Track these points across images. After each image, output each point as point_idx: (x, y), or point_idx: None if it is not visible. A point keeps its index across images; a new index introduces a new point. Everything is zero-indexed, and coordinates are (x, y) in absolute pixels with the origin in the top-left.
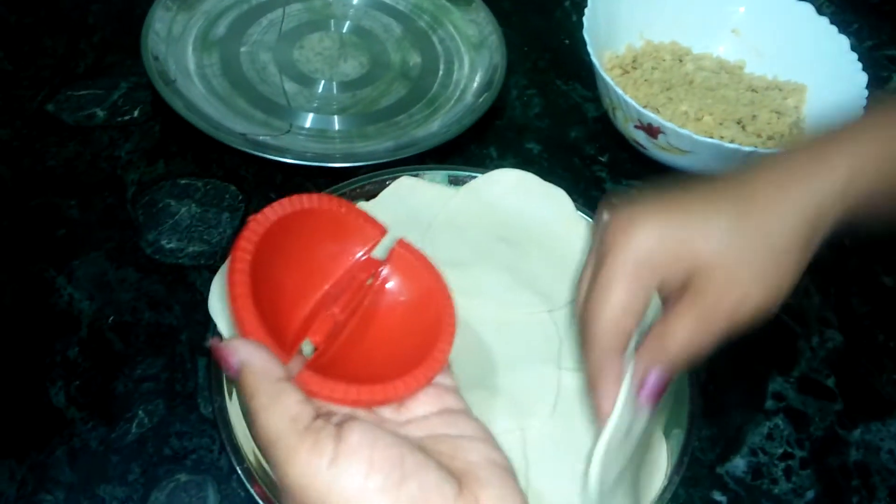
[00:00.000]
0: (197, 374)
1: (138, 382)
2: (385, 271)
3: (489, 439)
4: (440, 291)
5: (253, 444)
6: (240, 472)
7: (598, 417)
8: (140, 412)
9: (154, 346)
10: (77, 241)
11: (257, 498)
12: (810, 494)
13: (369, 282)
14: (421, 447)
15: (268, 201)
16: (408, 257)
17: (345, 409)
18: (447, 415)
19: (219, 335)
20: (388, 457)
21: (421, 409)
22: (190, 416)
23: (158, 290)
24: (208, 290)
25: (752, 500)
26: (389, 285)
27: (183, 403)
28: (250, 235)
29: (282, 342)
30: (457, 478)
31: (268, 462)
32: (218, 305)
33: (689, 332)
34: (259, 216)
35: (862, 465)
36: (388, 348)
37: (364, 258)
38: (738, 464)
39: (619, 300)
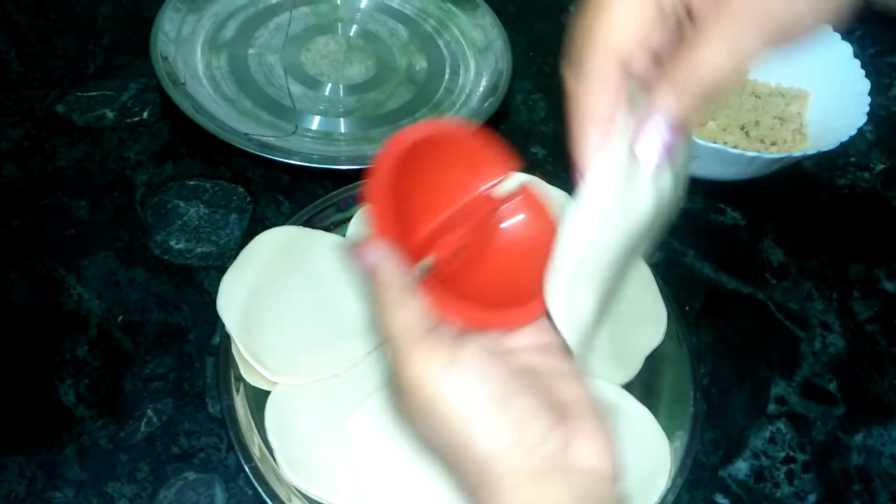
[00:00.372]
0: (205, 374)
1: (147, 381)
2: (507, 207)
3: (587, 379)
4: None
5: (259, 442)
6: (247, 470)
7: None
8: (149, 411)
9: (162, 346)
10: (86, 242)
11: (264, 496)
12: (812, 498)
13: (491, 214)
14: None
15: (275, 203)
16: (531, 199)
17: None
18: (547, 350)
19: (227, 335)
20: (498, 374)
21: (523, 341)
22: (198, 415)
23: (167, 290)
24: (216, 290)
25: (754, 503)
26: (509, 221)
27: (191, 402)
28: (394, 147)
29: (406, 253)
30: (557, 409)
31: (386, 355)
32: (226, 305)
33: (718, 53)
34: (403, 133)
35: (863, 469)
36: (502, 279)
37: (489, 191)
38: (741, 467)
39: (620, 17)
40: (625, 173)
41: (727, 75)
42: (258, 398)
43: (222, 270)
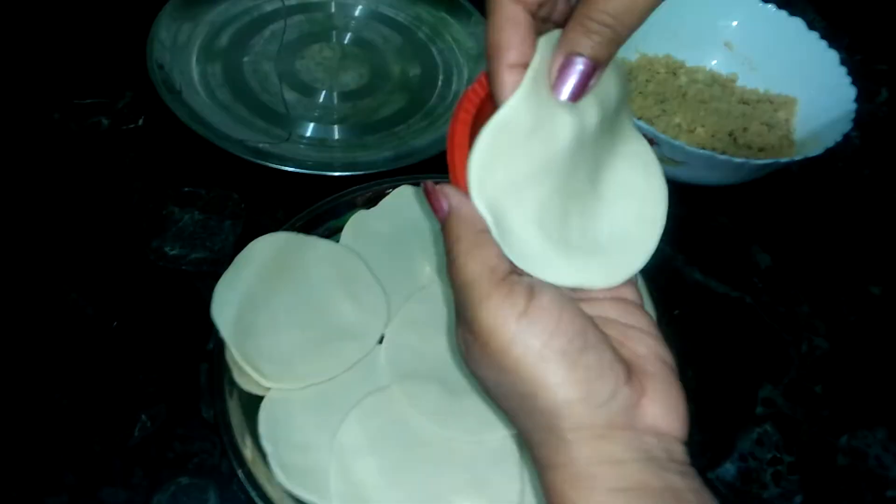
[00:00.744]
0: (199, 379)
1: (141, 387)
2: None
3: (658, 336)
4: None
5: (252, 447)
6: (241, 475)
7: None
8: (143, 416)
9: (157, 351)
10: (82, 247)
11: (258, 501)
12: (798, 499)
13: None
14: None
15: (269, 209)
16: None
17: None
18: (621, 303)
19: (220, 341)
20: (573, 324)
21: (598, 292)
22: (192, 421)
23: (162, 296)
24: (210, 296)
25: None
26: None
27: (185, 408)
28: (475, 93)
29: None
30: (626, 364)
31: (460, 305)
32: (220, 311)
33: None
34: (484, 79)
35: (849, 470)
36: None
37: None
38: (729, 469)
39: None
40: (540, 107)
41: (635, 7)
42: (251, 403)
43: (216, 276)
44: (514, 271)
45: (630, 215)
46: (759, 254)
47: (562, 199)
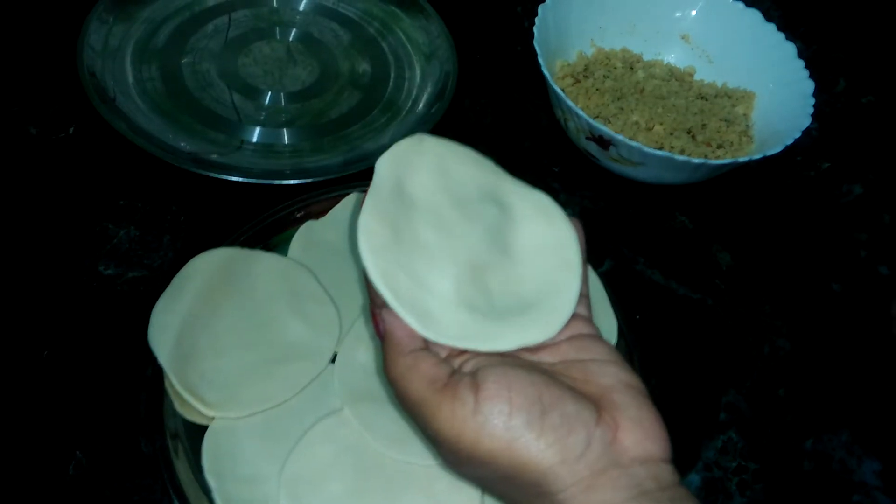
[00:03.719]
0: (138, 411)
1: (75, 421)
2: None
3: (621, 362)
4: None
5: (196, 482)
6: None
7: None
8: (78, 452)
9: (92, 382)
10: (6, 268)
11: None
12: None
13: None
14: (554, 373)
15: (212, 222)
16: None
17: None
18: (577, 340)
19: (159, 368)
20: (525, 395)
21: (554, 337)
22: (130, 456)
23: (96, 321)
24: (148, 320)
25: None
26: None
27: (123, 442)
28: None
29: None
30: (593, 402)
31: (417, 424)
32: (157, 336)
33: None
34: None
35: (814, 475)
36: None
37: None
38: (693, 480)
39: None
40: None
41: None
42: (195, 433)
43: (155, 296)
44: (455, 371)
45: (547, 266)
46: (719, 253)
47: (474, 275)
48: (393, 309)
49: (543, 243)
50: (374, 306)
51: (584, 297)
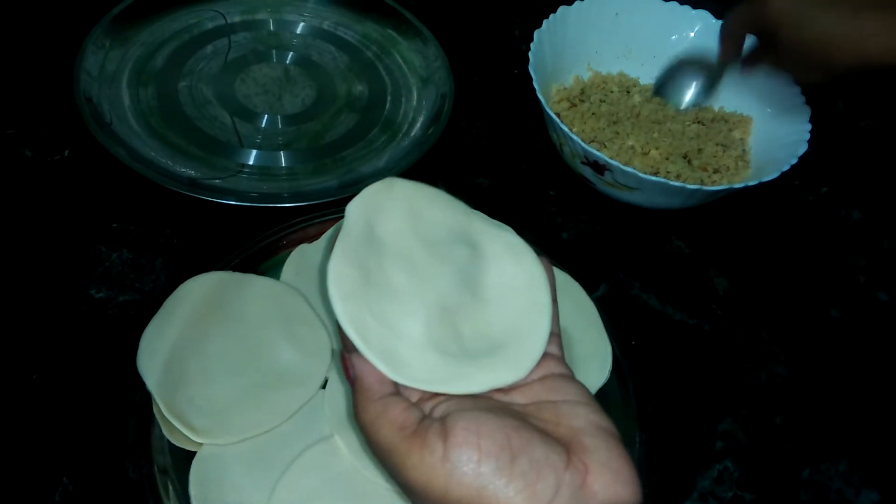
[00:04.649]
0: (126, 437)
1: (63, 446)
2: None
3: (592, 403)
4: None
5: None
6: None
7: None
8: (64, 479)
9: (80, 407)
10: None
11: None
12: None
13: None
14: (525, 415)
15: (207, 244)
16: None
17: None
18: (549, 380)
19: (147, 394)
20: (494, 440)
21: (526, 377)
22: (118, 483)
23: (86, 345)
24: (137, 344)
25: None
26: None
27: (110, 468)
28: None
29: None
30: (564, 445)
31: (387, 471)
32: (146, 361)
33: None
34: None
35: None
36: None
37: None
38: None
39: None
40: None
41: None
42: (183, 459)
43: (146, 321)
44: (425, 416)
45: (518, 307)
46: (716, 278)
47: (445, 318)
48: (362, 353)
49: (513, 284)
50: (345, 350)
51: (556, 336)
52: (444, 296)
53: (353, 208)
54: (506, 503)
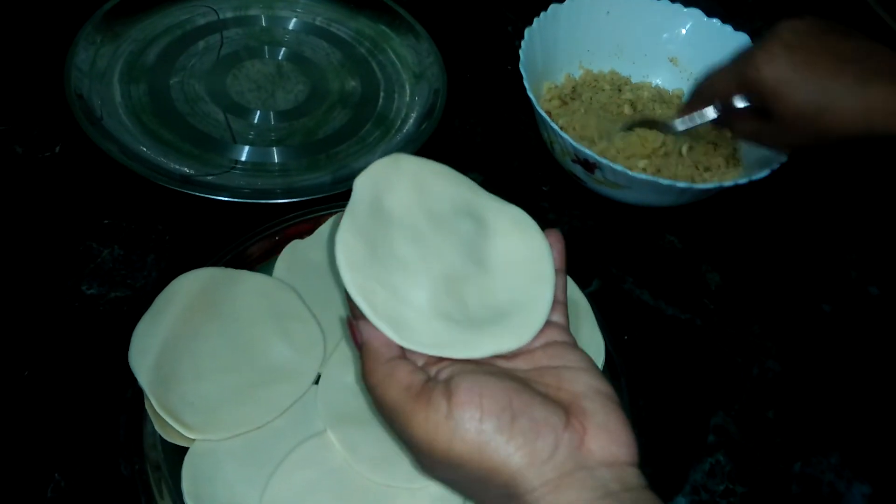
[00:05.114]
0: (117, 433)
1: (54, 442)
2: None
3: (593, 369)
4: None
5: None
6: None
7: None
8: (56, 475)
9: (72, 403)
10: None
11: None
12: None
13: None
14: (527, 380)
15: (199, 240)
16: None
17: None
18: (551, 347)
19: (139, 390)
20: (496, 400)
21: (530, 343)
22: (110, 479)
23: (76, 342)
24: (129, 340)
25: None
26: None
27: (102, 464)
28: None
29: None
30: (563, 407)
31: (393, 429)
32: (138, 357)
33: None
34: None
35: (803, 499)
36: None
37: None
38: (680, 503)
39: None
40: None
41: None
42: (176, 455)
43: (137, 318)
44: (430, 378)
45: (522, 278)
46: (708, 273)
47: (450, 287)
48: (370, 320)
49: (518, 256)
50: (353, 318)
51: (561, 304)
52: (449, 267)
53: (361, 182)
54: (506, 459)
